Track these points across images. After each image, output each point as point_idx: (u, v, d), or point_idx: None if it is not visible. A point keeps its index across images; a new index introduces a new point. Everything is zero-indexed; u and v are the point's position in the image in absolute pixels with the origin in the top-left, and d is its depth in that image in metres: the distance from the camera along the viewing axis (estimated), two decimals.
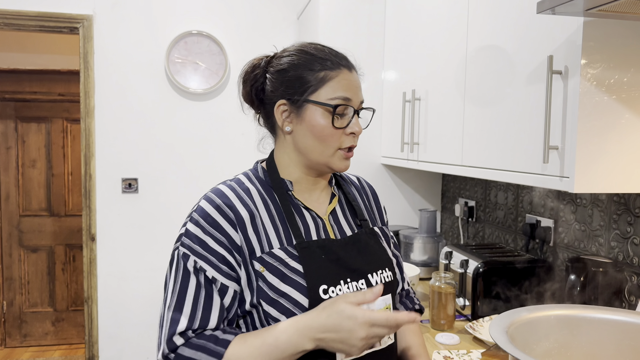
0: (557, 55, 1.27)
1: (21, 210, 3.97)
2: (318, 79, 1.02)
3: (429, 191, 2.72)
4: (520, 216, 2.07)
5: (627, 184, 1.23)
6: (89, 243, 3.07)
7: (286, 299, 0.95)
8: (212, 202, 1.00)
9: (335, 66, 1.03)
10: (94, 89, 3.00)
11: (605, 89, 1.20)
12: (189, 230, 0.99)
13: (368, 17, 2.54)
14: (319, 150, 1.03)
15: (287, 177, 1.08)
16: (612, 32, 1.19)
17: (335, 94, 1.01)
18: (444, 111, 1.92)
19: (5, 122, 3.91)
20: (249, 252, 0.97)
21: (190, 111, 3.12)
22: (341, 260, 1.02)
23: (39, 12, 2.89)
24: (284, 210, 1.03)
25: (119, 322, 3.14)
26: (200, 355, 0.91)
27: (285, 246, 0.99)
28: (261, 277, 0.96)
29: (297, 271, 0.97)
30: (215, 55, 3.08)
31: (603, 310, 1.09)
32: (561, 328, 1.08)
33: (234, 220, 0.98)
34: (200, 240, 0.97)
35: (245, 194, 1.03)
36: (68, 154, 4.01)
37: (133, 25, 3.02)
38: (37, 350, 3.95)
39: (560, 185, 1.27)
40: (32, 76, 3.88)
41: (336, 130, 1.02)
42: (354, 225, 1.12)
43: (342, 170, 1.07)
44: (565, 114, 1.25)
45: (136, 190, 3.11)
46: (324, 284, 0.97)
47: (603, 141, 1.22)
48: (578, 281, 1.46)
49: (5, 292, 3.97)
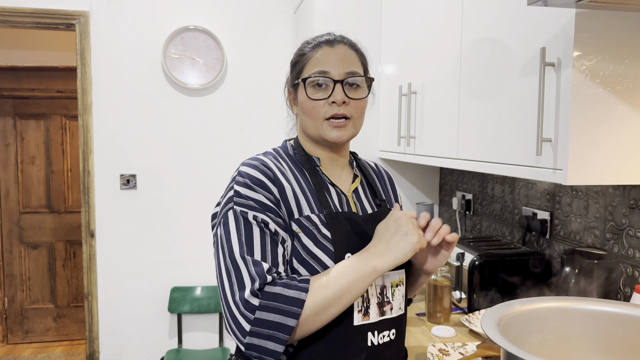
0: (549, 47, 1.27)
1: (21, 207, 3.98)
2: (303, 61, 1.13)
3: (427, 185, 2.72)
4: (517, 209, 2.07)
5: (621, 176, 1.23)
6: (88, 239, 3.08)
7: (316, 261, 1.03)
8: (253, 166, 1.07)
9: (316, 46, 1.13)
10: (92, 85, 3.00)
11: (599, 81, 1.20)
12: (239, 192, 1.04)
13: (364, 11, 2.53)
14: (310, 123, 1.12)
15: (312, 154, 1.16)
16: (606, 24, 1.19)
17: (313, 70, 1.10)
18: (440, 105, 1.92)
19: (4, 119, 3.91)
20: (287, 212, 1.05)
21: (188, 107, 3.12)
22: (364, 233, 1.09)
23: (35, 9, 2.89)
24: (313, 182, 1.11)
25: (120, 318, 3.15)
26: (288, 292, 0.94)
27: (318, 213, 1.07)
28: (297, 237, 1.04)
29: (327, 237, 1.05)
30: (212, 50, 3.07)
31: (594, 302, 1.09)
32: (553, 320, 1.08)
33: (274, 180, 1.06)
34: (253, 198, 1.02)
35: (278, 163, 1.11)
36: (67, 150, 4.02)
37: (129, 21, 3.01)
38: (38, 347, 3.96)
39: (554, 177, 1.27)
40: (30, 73, 3.88)
41: (316, 102, 1.09)
42: (374, 204, 1.20)
43: (335, 140, 1.11)
44: (558, 106, 1.25)
45: (135, 186, 3.11)
46: (349, 252, 1.05)
47: (596, 133, 1.21)
48: (573, 273, 1.46)
49: (6, 289, 3.99)
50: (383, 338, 1.09)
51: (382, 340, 1.09)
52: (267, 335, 0.92)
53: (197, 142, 3.15)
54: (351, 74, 1.11)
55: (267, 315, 0.92)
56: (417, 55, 2.13)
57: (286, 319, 0.92)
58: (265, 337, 0.92)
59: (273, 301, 0.93)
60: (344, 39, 1.15)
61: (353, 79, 1.11)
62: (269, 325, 0.92)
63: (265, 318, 0.92)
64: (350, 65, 1.12)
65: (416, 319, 1.81)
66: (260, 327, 0.92)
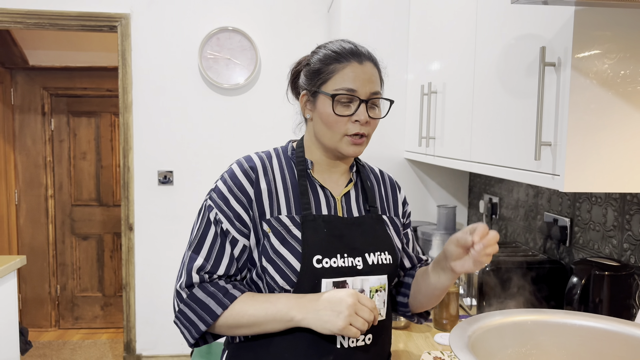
0: (549, 47, 1.21)
1: (73, 200, 4.20)
2: (328, 72, 1.12)
3: (455, 187, 2.65)
4: (539, 214, 1.98)
5: (619, 183, 1.15)
6: (127, 232, 3.21)
7: (282, 260, 1.07)
8: (240, 166, 1.14)
9: (344, 59, 1.12)
10: (132, 84, 3.13)
11: (598, 82, 1.13)
12: (217, 187, 1.13)
13: (393, 11, 2.49)
14: (328, 135, 1.13)
15: (310, 157, 1.19)
16: (608, 21, 1.12)
17: (341, 85, 1.10)
18: (457, 106, 1.86)
19: (58, 117, 4.14)
20: (259, 213, 1.10)
21: (222, 106, 3.19)
22: (344, 237, 1.11)
23: (80, 12, 3.04)
24: (300, 184, 1.14)
25: (155, 309, 3.27)
26: (209, 301, 1.06)
27: (293, 215, 1.11)
28: (266, 237, 1.09)
29: (297, 238, 1.08)
30: (246, 51, 3.12)
31: (576, 315, 1.04)
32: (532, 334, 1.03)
33: (253, 181, 1.12)
34: (224, 197, 1.11)
35: (269, 163, 1.16)
36: (116, 146, 4.20)
37: (167, 23, 3.11)
38: (87, 332, 4.18)
39: (552, 183, 1.21)
40: (82, 73, 4.09)
41: (340, 118, 1.10)
42: (363, 209, 1.20)
43: (352, 155, 1.14)
44: (557, 108, 1.19)
45: (171, 182, 3.22)
46: (319, 254, 1.07)
47: (596, 138, 1.14)
48: (579, 284, 1.38)
49: (58, 277, 4.23)
50: (356, 342, 1.09)
51: (353, 344, 1.09)
52: (185, 325, 1.09)
53: (230, 139, 3.21)
54: (375, 94, 1.13)
55: (187, 311, 1.08)
56: (438, 55, 2.08)
57: (199, 322, 1.06)
58: (184, 325, 1.09)
59: (194, 303, 1.07)
60: (371, 57, 1.15)
61: (376, 100, 1.13)
62: (187, 319, 1.08)
63: (185, 312, 1.08)
64: (374, 85, 1.13)
65: (422, 325, 1.77)
66: (182, 317, 1.09)
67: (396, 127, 2.54)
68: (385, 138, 2.54)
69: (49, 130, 4.13)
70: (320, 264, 1.07)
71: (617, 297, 1.37)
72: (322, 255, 1.07)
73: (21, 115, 4.10)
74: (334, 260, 1.08)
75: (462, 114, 1.81)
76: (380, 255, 1.14)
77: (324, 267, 1.07)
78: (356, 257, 1.11)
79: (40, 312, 4.21)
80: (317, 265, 1.07)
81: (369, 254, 1.12)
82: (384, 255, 1.15)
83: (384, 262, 1.14)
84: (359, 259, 1.11)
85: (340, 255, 1.09)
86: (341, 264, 1.09)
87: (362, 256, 1.12)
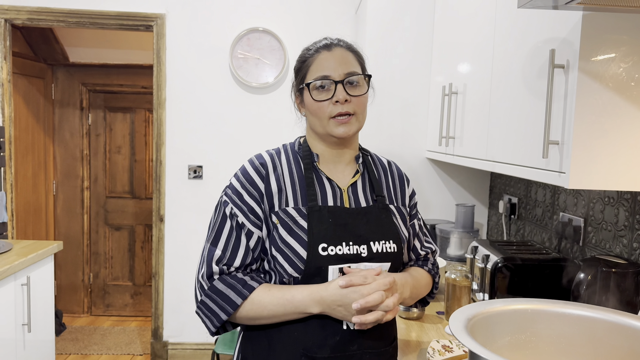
0: (559, 49, 1.26)
1: (107, 192, 4.38)
2: (305, 67, 1.23)
3: (477, 187, 2.69)
4: (555, 214, 2.01)
5: (623, 181, 1.20)
6: (158, 223, 3.35)
7: (290, 249, 1.14)
8: (252, 163, 1.22)
9: (315, 52, 1.22)
10: (166, 82, 3.26)
11: (605, 84, 1.18)
12: (231, 183, 1.22)
13: (417, 14, 2.55)
14: (318, 123, 1.21)
15: (314, 150, 1.26)
16: (624, 25, 1.16)
17: (315, 75, 1.19)
18: (476, 106, 1.92)
19: (95, 112, 4.32)
20: (269, 206, 1.18)
21: (251, 104, 3.30)
22: (349, 226, 1.18)
23: (118, 12, 3.19)
24: (307, 177, 1.21)
25: (182, 298, 3.40)
26: (229, 292, 1.14)
27: (299, 207, 1.18)
28: (275, 228, 1.17)
29: (303, 228, 1.15)
30: (275, 51, 3.22)
31: (566, 305, 1.09)
32: (531, 322, 1.09)
33: (264, 177, 1.19)
34: (238, 193, 1.19)
35: (278, 159, 1.24)
36: (149, 142, 4.36)
37: (200, 23, 3.24)
38: (117, 320, 4.35)
39: (559, 180, 1.26)
40: (119, 70, 4.26)
41: (320, 103, 1.19)
42: (370, 199, 1.26)
43: (342, 135, 1.20)
44: (565, 108, 1.24)
45: (201, 177, 3.34)
46: (324, 243, 1.14)
47: (601, 138, 1.19)
48: (586, 280, 1.42)
49: (92, 265, 4.41)
50: None
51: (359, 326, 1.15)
52: (207, 314, 1.16)
53: (257, 137, 3.32)
54: (350, 74, 1.19)
55: (209, 301, 1.16)
56: (460, 57, 2.13)
57: (220, 312, 1.14)
58: (205, 315, 1.17)
59: (215, 294, 1.15)
60: (341, 42, 1.23)
61: (352, 77, 1.19)
62: (209, 310, 1.16)
63: (207, 303, 1.16)
64: (348, 66, 1.20)
65: (435, 317, 1.83)
66: (204, 307, 1.16)
67: (418, 127, 2.60)
68: (408, 137, 2.61)
69: (87, 125, 4.31)
70: (326, 252, 1.13)
71: (623, 294, 1.41)
72: (327, 244, 1.14)
73: (61, 110, 4.30)
74: (339, 248, 1.14)
75: (480, 114, 1.86)
76: (385, 243, 1.20)
77: (329, 254, 1.13)
78: (361, 245, 1.17)
79: (73, 298, 4.40)
80: (322, 253, 1.13)
81: (374, 242, 1.18)
82: (389, 244, 1.20)
83: (388, 250, 1.20)
84: (363, 247, 1.17)
85: (345, 243, 1.15)
86: (346, 251, 1.15)
87: (367, 244, 1.18)
